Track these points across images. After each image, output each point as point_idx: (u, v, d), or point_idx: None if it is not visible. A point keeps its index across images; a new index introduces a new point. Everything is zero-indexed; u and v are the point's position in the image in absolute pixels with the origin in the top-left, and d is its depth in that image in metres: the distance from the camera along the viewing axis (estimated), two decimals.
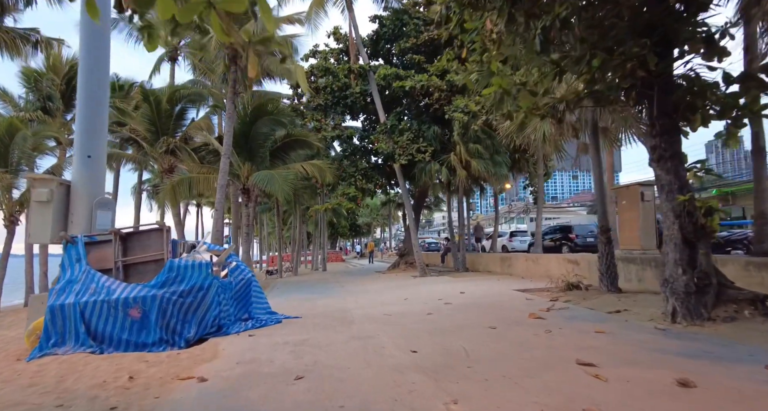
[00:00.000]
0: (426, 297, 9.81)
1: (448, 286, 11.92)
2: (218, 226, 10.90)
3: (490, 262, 16.59)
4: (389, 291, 11.69)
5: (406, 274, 17.74)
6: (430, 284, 12.93)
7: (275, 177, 12.02)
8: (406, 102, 16.90)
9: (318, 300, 10.48)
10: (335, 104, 18.94)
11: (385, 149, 15.25)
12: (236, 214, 14.83)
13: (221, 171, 11.12)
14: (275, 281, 19.52)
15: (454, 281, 13.37)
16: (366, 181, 18.15)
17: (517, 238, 25.10)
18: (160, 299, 5.61)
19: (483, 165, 15.16)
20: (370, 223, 50.85)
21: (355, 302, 9.68)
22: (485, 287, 11.08)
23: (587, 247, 19.10)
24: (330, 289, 13.28)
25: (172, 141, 13.32)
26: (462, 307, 7.86)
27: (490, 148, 15.43)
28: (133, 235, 6.39)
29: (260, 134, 13.07)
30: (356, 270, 25.02)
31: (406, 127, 15.69)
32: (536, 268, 13.02)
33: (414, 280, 14.70)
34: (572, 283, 9.59)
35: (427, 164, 16.04)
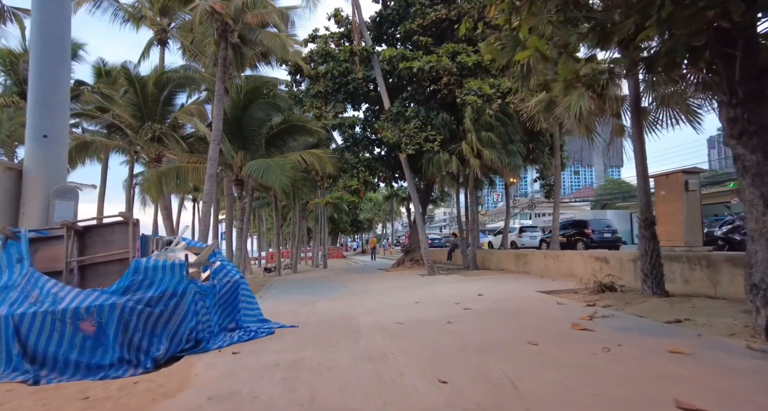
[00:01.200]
0: (440, 299, 8.70)
1: (462, 287, 10.81)
2: (206, 220, 9.79)
3: (502, 259, 15.48)
4: (397, 292, 10.58)
5: (412, 272, 16.63)
6: (441, 284, 11.82)
7: (271, 166, 10.89)
8: (413, 88, 15.73)
9: (318, 302, 9.38)
10: (336, 91, 17.78)
11: (391, 138, 14.09)
12: (230, 208, 13.70)
13: (210, 159, 9.99)
14: (273, 279, 18.44)
15: (467, 281, 12.26)
16: (369, 173, 17.01)
17: (527, 234, 24.04)
18: (121, 309, 4.49)
19: (496, 154, 14.00)
20: (371, 219, 49.70)
21: (360, 305, 8.57)
22: (504, 288, 9.97)
23: (604, 243, 18.02)
24: (332, 289, 12.18)
25: (158, 127, 12.16)
26: (486, 314, 6.74)
27: (504, 136, 14.27)
28: (93, 230, 5.26)
29: (255, 120, 11.93)
30: (358, 267, 23.94)
31: (413, 114, 14.52)
32: (557, 267, 11.90)
33: (422, 279, 13.59)
34: (605, 284, 8.48)
35: (435, 154, 14.88)
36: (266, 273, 22.99)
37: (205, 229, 9.75)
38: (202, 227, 9.81)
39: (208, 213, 9.87)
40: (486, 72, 13.57)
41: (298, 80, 19.29)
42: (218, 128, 10.09)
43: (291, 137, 12.86)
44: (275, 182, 10.60)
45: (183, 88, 13.92)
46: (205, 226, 9.77)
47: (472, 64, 13.36)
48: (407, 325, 6.13)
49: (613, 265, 9.69)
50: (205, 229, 9.75)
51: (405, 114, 14.62)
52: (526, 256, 13.72)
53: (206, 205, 9.90)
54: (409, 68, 13.66)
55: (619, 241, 18.66)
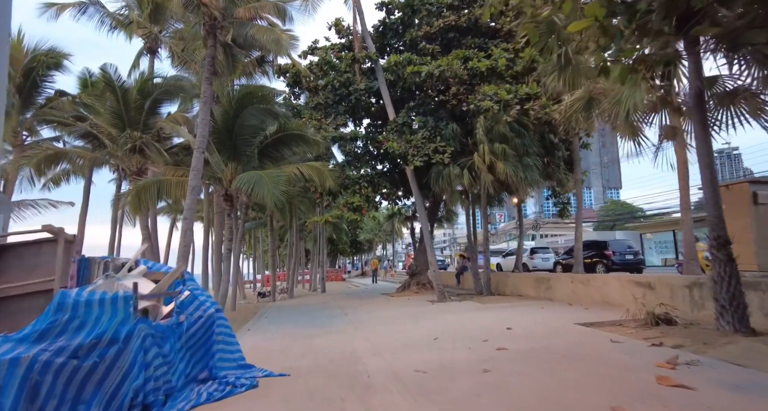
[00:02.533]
0: (462, 334, 7.27)
1: (482, 317, 9.37)
2: (186, 239, 8.43)
3: (520, 283, 14.04)
4: (407, 322, 9.13)
5: (419, 297, 15.14)
6: (456, 313, 10.37)
7: (263, 179, 9.61)
8: (419, 97, 14.64)
9: (316, 337, 7.92)
10: (336, 103, 16.72)
11: (397, 149, 12.88)
12: (220, 226, 12.33)
13: (193, 168, 8.71)
14: (267, 306, 16.89)
15: (485, 309, 10.81)
16: (372, 189, 15.75)
17: (539, 256, 22.57)
18: (27, 366, 3.09)
19: (511, 168, 12.76)
20: (372, 240, 48.21)
21: (366, 341, 7.12)
22: (533, 319, 8.54)
23: (626, 265, 16.62)
24: (331, 319, 10.71)
25: (138, 135, 10.92)
26: (529, 358, 5.33)
27: (520, 148, 13.06)
28: (11, 250, 3.90)
29: (247, 127, 10.74)
30: (359, 291, 22.38)
31: (421, 124, 13.36)
32: (587, 292, 10.49)
33: (432, 306, 12.12)
34: (658, 316, 7.09)
35: (444, 168, 13.65)
36: (260, 298, 21.42)
37: (185, 250, 8.39)
38: (181, 247, 8.44)
39: (189, 231, 8.52)
40: (500, 78, 12.50)
41: (297, 93, 18.29)
42: (203, 135, 8.86)
43: (287, 148, 11.66)
44: (267, 196, 9.30)
45: (171, 97, 12.79)
46: (185, 246, 8.41)
47: (486, 69, 12.29)
48: (431, 375, 4.71)
49: (660, 292, 8.30)
50: (185, 250, 8.39)
51: (411, 124, 13.47)
52: (549, 280, 12.30)
53: (187, 221, 8.56)
54: (417, 73, 12.58)
55: (642, 264, 17.27)
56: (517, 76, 12.91)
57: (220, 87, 11.39)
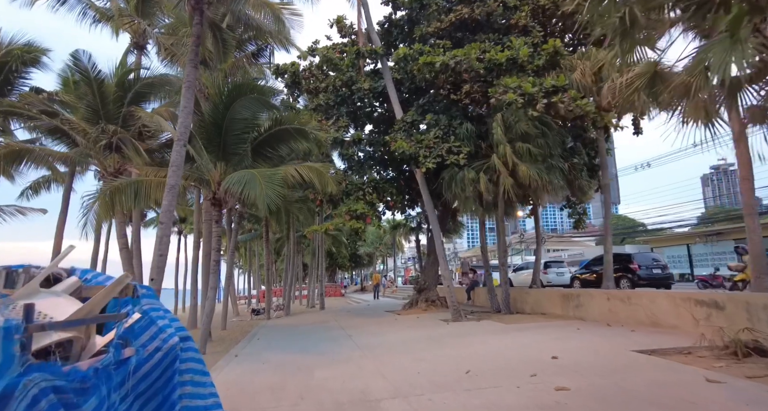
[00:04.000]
0: (499, 365, 5.82)
1: (513, 341, 7.91)
2: (162, 246, 7.01)
3: (543, 300, 12.57)
4: (426, 348, 7.65)
5: (429, 316, 13.63)
6: (479, 335, 8.90)
7: (255, 178, 8.25)
8: (431, 94, 13.41)
9: (317, 368, 6.43)
10: (338, 104, 15.51)
11: (407, 149, 11.56)
12: (208, 235, 10.89)
13: (172, 164, 7.34)
14: (261, 324, 15.34)
15: (511, 331, 9.34)
16: (377, 195, 14.40)
17: (553, 270, 21.09)
18: None
19: (535, 170, 11.45)
20: (372, 254, 46.58)
21: (380, 375, 5.65)
22: (577, 344, 7.10)
23: (653, 280, 15.19)
24: (333, 342, 9.21)
25: (113, 128, 9.54)
26: (602, 403, 3.91)
27: (544, 148, 11.77)
28: None
29: (239, 122, 9.42)
30: (361, 308, 20.80)
31: (433, 122, 12.07)
32: (629, 312, 9.05)
33: (449, 327, 10.63)
34: (748, 345, 5.66)
35: (459, 171, 12.32)
36: (254, 315, 19.80)
37: (160, 260, 6.97)
38: (155, 258, 7.01)
39: (165, 238, 7.10)
40: (521, 70, 11.26)
41: (296, 94, 17.11)
42: (186, 125, 7.51)
43: (284, 145, 10.31)
44: (260, 198, 7.91)
45: (155, 91, 11.43)
46: (160, 256, 6.99)
47: (505, 61, 11.07)
48: None
49: (732, 313, 6.88)
50: (160, 260, 6.97)
51: (423, 122, 12.19)
52: (580, 296, 10.85)
53: (163, 227, 7.14)
54: (430, 65, 11.32)
55: (671, 279, 15.87)
56: (538, 71, 11.69)
57: (209, 78, 10.11)
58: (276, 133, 10.01)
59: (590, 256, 35.67)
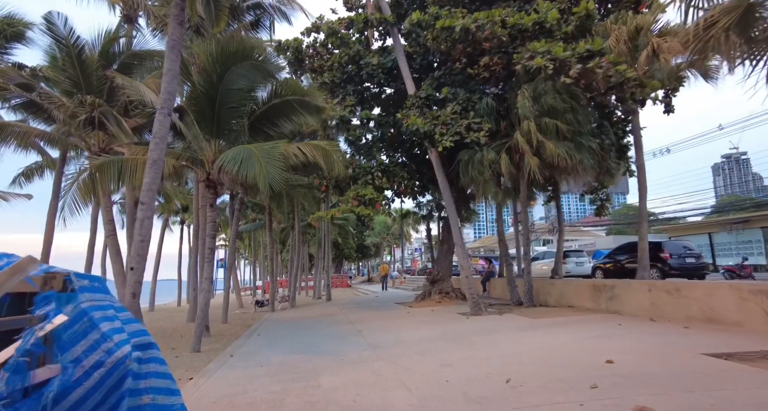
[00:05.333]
0: (544, 371, 4.79)
1: (546, 340, 6.87)
2: (143, 231, 6.02)
3: (570, 292, 11.51)
4: (450, 348, 6.63)
5: (445, 309, 12.62)
6: (506, 332, 7.87)
7: (253, 154, 7.22)
8: (446, 68, 12.23)
9: (324, 373, 5.43)
10: (345, 82, 14.41)
11: (421, 126, 10.44)
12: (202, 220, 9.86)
13: (155, 135, 6.31)
14: (262, 318, 14.43)
15: (540, 326, 8.31)
16: (387, 179, 13.33)
17: (572, 259, 19.94)
18: None
19: (564, 149, 10.32)
20: (379, 244, 45.60)
21: (402, 386, 4.63)
22: (628, 344, 6.05)
23: (686, 270, 14.03)
24: (342, 340, 8.23)
25: (92, 100, 8.49)
26: None
27: (573, 124, 10.62)
28: None
29: (234, 93, 8.36)
30: (369, 300, 19.85)
31: (450, 95, 10.93)
32: (674, 305, 7.98)
33: (469, 322, 9.61)
34: None
35: (478, 151, 11.22)
36: (258, 307, 18.93)
37: (141, 247, 5.99)
38: (136, 243, 6.02)
39: (147, 221, 6.10)
40: (549, 35, 10.06)
41: (299, 73, 16.01)
42: (169, 91, 6.47)
43: (285, 120, 9.24)
44: (259, 176, 6.89)
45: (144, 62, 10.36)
46: (141, 241, 6.01)
47: (532, 25, 9.87)
48: None
49: None
50: (141, 246, 5.99)
51: (439, 97, 11.06)
52: (614, 287, 9.77)
53: (145, 208, 6.13)
54: (449, 30, 10.13)
55: (706, 269, 14.69)
56: (567, 39, 10.49)
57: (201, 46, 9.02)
58: (276, 106, 8.95)
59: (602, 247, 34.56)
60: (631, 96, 8.96)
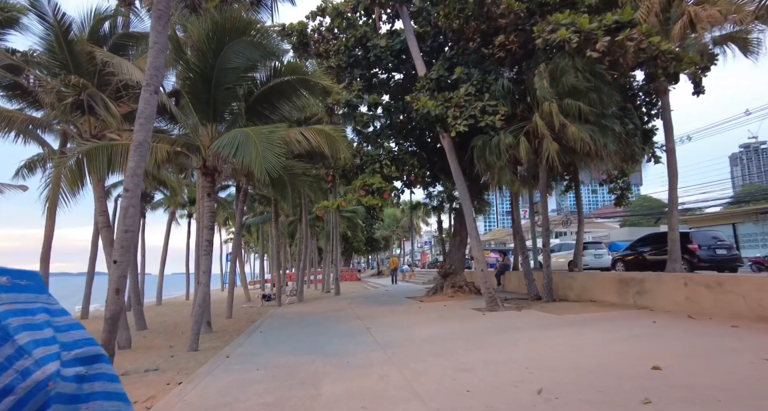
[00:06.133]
0: (580, 381, 4.11)
1: (575, 340, 6.17)
2: (128, 220, 5.42)
3: (592, 285, 10.77)
4: (468, 349, 5.97)
5: (458, 303, 11.97)
6: (528, 330, 7.18)
7: (249, 138, 6.59)
8: (460, 46, 11.45)
9: (326, 379, 4.81)
10: (351, 66, 13.72)
11: (433, 109, 9.72)
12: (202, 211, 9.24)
13: (140, 115, 5.69)
14: (268, 313, 13.91)
15: (564, 324, 7.60)
16: (395, 168, 12.65)
17: (590, 251, 19.07)
18: None
19: (587, 132, 9.52)
20: (388, 237, 44.97)
21: (415, 397, 3.98)
22: (670, 347, 5.33)
23: (716, 262, 13.15)
24: (349, 338, 7.62)
25: (75, 80, 7.89)
26: None
27: (597, 105, 9.81)
28: None
29: (230, 72, 7.72)
30: (379, 294, 19.26)
31: (464, 76, 10.16)
32: (715, 300, 7.22)
33: (485, 319, 8.93)
34: None
35: (493, 137, 10.47)
36: (264, 301, 18.47)
37: (125, 238, 5.40)
38: (119, 234, 5.44)
39: (132, 209, 5.50)
40: (572, 7, 9.24)
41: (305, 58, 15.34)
42: (156, 65, 5.84)
43: (286, 102, 8.60)
44: (255, 162, 6.26)
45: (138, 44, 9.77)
46: (125, 232, 5.43)
47: None
48: None
49: None
50: (125, 237, 5.40)
51: (451, 78, 10.29)
52: (644, 281, 9.00)
53: (129, 195, 5.53)
54: (462, 2, 9.35)
55: (739, 261, 13.78)
56: (591, 12, 9.63)
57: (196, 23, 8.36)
58: (276, 87, 8.28)
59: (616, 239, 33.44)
60: (664, 72, 8.12)
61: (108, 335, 5.32)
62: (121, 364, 6.67)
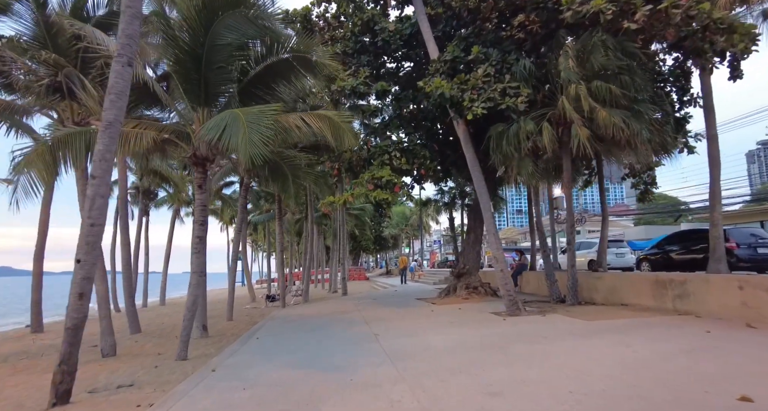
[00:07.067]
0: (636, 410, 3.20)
1: (619, 353, 5.23)
2: (93, 212, 4.62)
3: (623, 287, 9.79)
4: (489, 362, 5.07)
5: (474, 306, 11.04)
6: (560, 340, 6.25)
7: (238, 119, 5.77)
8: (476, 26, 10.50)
9: (323, 404, 3.94)
10: (358, 52, 12.86)
11: (447, 91, 8.80)
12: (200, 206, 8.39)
13: (110, 90, 4.91)
14: (270, 315, 13.11)
15: (599, 332, 6.66)
16: (406, 160, 11.75)
17: (612, 250, 17.90)
18: None
19: (620, 117, 8.54)
20: (397, 235, 44.00)
21: None
22: (744, 366, 4.39)
23: (757, 263, 12.02)
24: (354, 347, 6.75)
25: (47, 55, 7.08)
26: None
27: (629, 87, 8.82)
28: None
29: (222, 50, 6.89)
30: (388, 294, 18.39)
31: (482, 55, 9.22)
32: None
33: (507, 324, 8.01)
34: None
35: (514, 123, 9.52)
36: (268, 302, 17.71)
37: (91, 232, 4.61)
38: (84, 229, 4.64)
39: (99, 199, 4.70)
40: None
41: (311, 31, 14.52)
42: (129, 34, 5.03)
43: (285, 82, 7.74)
44: (241, 145, 5.44)
45: None
46: (91, 225, 4.63)
47: None
48: None
49: None
50: (91, 232, 4.61)
51: (467, 59, 9.35)
52: (686, 283, 8.00)
53: (97, 182, 4.72)
54: None
55: None
56: None
57: None
58: (274, 66, 7.44)
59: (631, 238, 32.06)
60: (712, 46, 7.12)
61: (69, 348, 4.51)
62: (95, 377, 5.88)
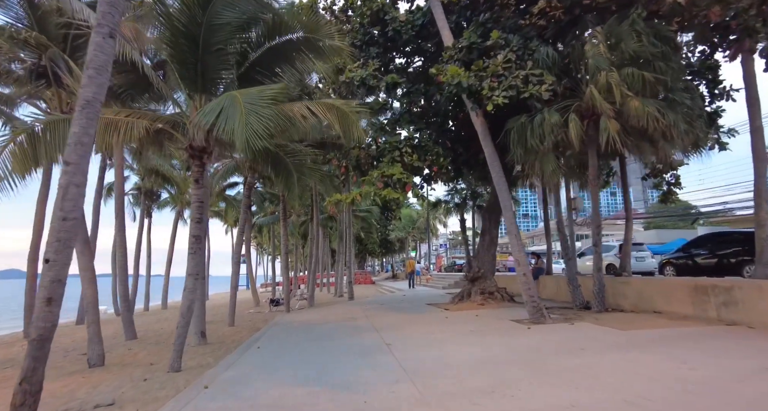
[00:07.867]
0: None
1: (678, 369, 4.47)
2: (66, 203, 3.97)
3: (654, 293, 9.00)
4: (525, 381, 4.33)
5: (491, 313, 10.28)
6: (598, 354, 5.49)
7: (236, 101, 5.12)
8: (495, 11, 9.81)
9: None
10: (367, 44, 12.25)
11: (464, 79, 8.10)
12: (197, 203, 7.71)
13: (88, 65, 4.30)
14: (273, 321, 12.42)
15: (639, 344, 5.90)
16: (418, 157, 11.06)
17: (632, 254, 17.08)
18: None
19: (655, 107, 7.80)
20: (404, 239, 43.18)
21: None
22: None
23: None
24: (364, 359, 6.02)
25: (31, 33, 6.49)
26: None
27: (665, 73, 8.08)
28: None
29: (221, 30, 6.26)
30: (396, 299, 17.63)
31: (502, 41, 8.52)
32: None
33: (532, 333, 7.25)
34: None
35: (537, 114, 8.81)
36: (272, 306, 17.02)
37: (63, 227, 3.95)
38: (55, 223, 3.99)
39: (73, 188, 4.05)
40: None
41: None
42: (110, 1, 4.39)
43: (288, 66, 7.10)
44: (238, 130, 4.78)
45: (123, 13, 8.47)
46: (62, 220, 3.96)
47: None
48: None
49: None
50: (63, 227, 3.96)
51: (485, 44, 8.65)
52: (732, 290, 7.21)
53: (70, 170, 4.06)
54: None
55: None
56: None
57: None
58: (276, 48, 6.79)
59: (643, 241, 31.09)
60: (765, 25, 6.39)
61: (33, 363, 3.83)
62: (73, 393, 5.20)
